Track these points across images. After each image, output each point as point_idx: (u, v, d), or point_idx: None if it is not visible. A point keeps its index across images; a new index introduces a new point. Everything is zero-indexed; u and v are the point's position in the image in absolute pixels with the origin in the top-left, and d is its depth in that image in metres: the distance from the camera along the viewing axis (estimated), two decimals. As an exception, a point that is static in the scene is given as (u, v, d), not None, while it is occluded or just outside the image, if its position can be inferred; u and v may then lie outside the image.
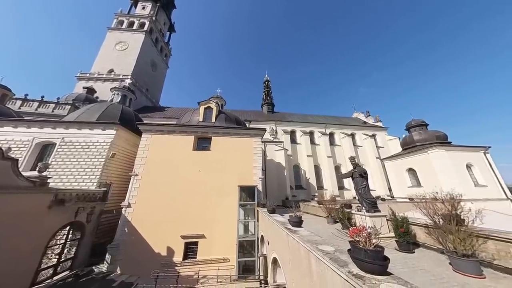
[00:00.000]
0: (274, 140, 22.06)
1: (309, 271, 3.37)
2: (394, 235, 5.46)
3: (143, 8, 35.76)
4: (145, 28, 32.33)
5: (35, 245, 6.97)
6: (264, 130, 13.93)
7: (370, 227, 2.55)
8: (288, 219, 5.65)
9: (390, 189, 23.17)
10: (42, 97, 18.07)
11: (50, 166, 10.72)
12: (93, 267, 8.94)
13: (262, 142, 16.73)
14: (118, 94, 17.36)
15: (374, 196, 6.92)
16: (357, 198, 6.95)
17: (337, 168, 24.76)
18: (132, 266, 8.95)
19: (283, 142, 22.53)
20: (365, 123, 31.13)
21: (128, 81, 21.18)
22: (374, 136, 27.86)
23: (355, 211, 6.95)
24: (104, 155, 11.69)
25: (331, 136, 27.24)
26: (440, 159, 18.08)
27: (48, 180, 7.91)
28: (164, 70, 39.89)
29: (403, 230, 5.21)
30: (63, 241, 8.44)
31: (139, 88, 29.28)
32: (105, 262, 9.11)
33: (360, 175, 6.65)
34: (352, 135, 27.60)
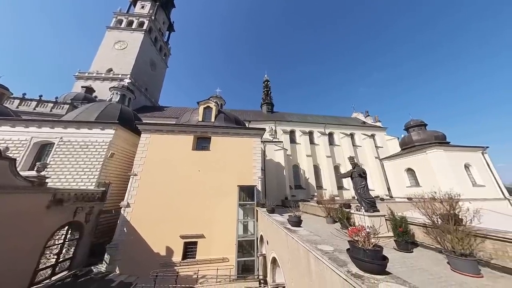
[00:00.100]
0: (274, 140, 22.06)
1: (308, 270, 3.37)
2: (392, 234, 5.49)
3: (142, 7, 35.62)
4: (144, 27, 32.21)
5: (33, 245, 6.94)
6: (264, 130, 13.93)
7: (369, 227, 2.56)
8: (287, 219, 5.66)
9: (389, 189, 23.26)
10: (40, 96, 17.94)
11: (49, 166, 10.66)
12: (91, 267, 8.90)
13: (262, 142, 16.75)
14: (117, 93, 17.28)
15: (373, 196, 6.94)
16: (356, 198, 6.98)
17: (336, 168, 24.81)
18: (131, 266, 8.93)
19: (282, 142, 22.54)
20: (364, 123, 31.22)
21: (127, 80, 21.11)
22: (373, 136, 27.94)
23: (354, 211, 6.97)
24: (103, 155, 11.65)
25: (330, 136, 27.29)
26: (439, 159, 18.17)
27: (47, 180, 7.87)
28: (163, 70, 39.76)
29: (402, 229, 5.24)
30: (61, 241, 8.40)
31: (138, 88, 29.17)
32: (104, 262, 9.08)
33: (359, 175, 6.67)
34: (351, 135, 27.67)
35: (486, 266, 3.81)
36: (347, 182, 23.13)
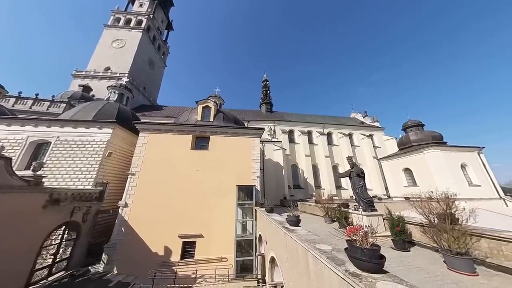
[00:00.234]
0: (273, 140, 22.08)
1: (306, 270, 3.39)
2: (390, 234, 5.54)
3: (141, 5, 35.32)
4: (142, 25, 31.95)
5: (29, 245, 6.87)
6: (263, 129, 13.93)
7: (366, 226, 2.58)
8: (286, 219, 5.67)
9: (387, 188, 23.43)
10: (37, 95, 17.72)
11: (45, 165, 10.55)
12: (89, 267, 8.85)
13: (261, 141, 16.73)
14: (114, 92, 17.14)
15: (371, 196, 6.99)
16: (354, 197, 7.02)
17: (334, 168, 24.92)
18: (129, 266, 8.88)
19: (281, 142, 22.56)
20: (362, 123, 31.38)
21: (125, 79, 20.95)
22: (371, 136, 28.12)
23: (352, 210, 7.01)
24: (101, 154, 11.56)
25: (329, 136, 27.38)
26: (436, 159, 18.34)
27: (43, 180, 7.80)
28: (162, 69, 39.52)
29: (399, 229, 5.29)
30: (58, 241, 8.33)
31: (136, 87, 28.95)
32: (101, 262, 9.02)
33: (357, 175, 6.71)
34: (350, 135, 27.81)
35: (481, 264, 3.86)
36: (346, 182, 23.25)
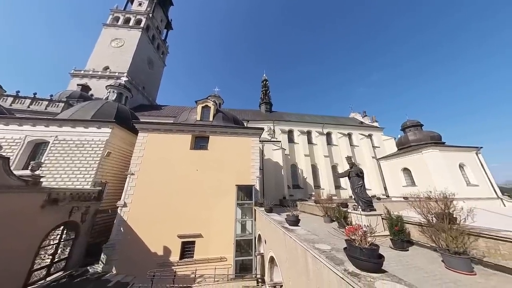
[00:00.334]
0: (272, 140, 22.08)
1: (305, 269, 3.40)
2: (389, 233, 5.56)
3: (140, 4, 35.16)
4: (141, 25, 31.80)
5: (27, 245, 6.83)
6: (262, 129, 13.93)
7: (365, 226, 2.59)
8: (285, 218, 5.68)
9: (386, 188, 23.52)
10: (35, 94, 17.59)
11: (43, 165, 10.49)
12: (88, 267, 8.82)
13: (260, 141, 16.73)
14: (113, 92, 17.07)
15: (370, 195, 7.01)
16: (353, 197, 7.04)
17: (334, 168, 24.96)
18: (128, 266, 8.86)
19: (280, 142, 22.56)
20: (361, 123, 31.45)
21: (124, 78, 20.89)
22: (370, 136, 28.19)
23: (351, 210, 7.04)
24: (99, 154, 11.51)
25: (328, 136, 27.42)
26: (434, 159, 18.44)
27: (41, 179, 7.74)
28: (161, 68, 39.38)
29: (398, 228, 5.31)
30: (56, 241, 8.29)
31: (135, 86, 28.83)
32: (100, 262, 9.00)
33: (356, 175, 6.73)
34: (349, 135, 27.86)
35: (479, 264, 3.89)
36: (345, 182, 23.31)
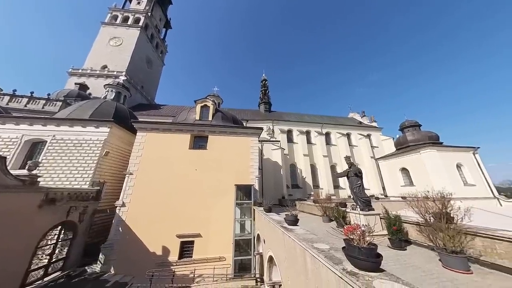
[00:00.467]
0: (271, 139, 22.10)
1: (304, 269, 3.41)
2: (387, 233, 5.59)
3: (138, 3, 34.93)
4: (140, 23, 31.61)
5: (24, 245, 6.77)
6: (261, 129, 13.93)
7: (364, 225, 2.60)
8: (284, 218, 5.69)
9: (384, 188, 23.64)
10: (32, 93, 17.42)
11: (41, 164, 10.41)
12: (86, 268, 8.77)
13: (259, 141, 16.73)
14: (112, 91, 16.96)
15: (368, 195, 7.04)
16: (352, 197, 7.07)
17: (332, 168, 25.04)
18: (126, 266, 8.83)
19: (280, 141, 22.59)
20: (360, 123, 31.57)
21: (123, 77, 20.72)
22: (369, 136, 28.31)
23: (350, 210, 7.07)
24: (97, 153, 11.44)
25: (327, 135, 27.49)
26: (432, 159, 18.57)
27: (39, 179, 7.68)
28: (160, 67, 39.19)
29: (396, 228, 5.34)
30: (54, 241, 8.23)
31: (134, 85, 28.67)
32: (98, 262, 8.96)
33: (355, 174, 6.75)
34: (348, 135, 27.96)
35: (475, 262, 3.93)
36: (343, 182, 23.39)
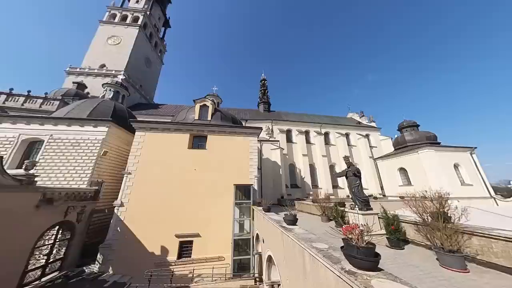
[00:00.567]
0: (270, 139, 22.11)
1: (303, 268, 3.42)
2: (385, 232, 5.63)
3: (137, 1, 34.71)
4: (139, 22, 31.41)
5: (22, 245, 6.71)
6: (260, 129, 13.92)
7: (362, 225, 2.62)
8: (283, 218, 5.70)
9: (382, 187, 23.78)
10: (29, 91, 17.23)
11: (38, 164, 10.32)
12: (84, 268, 8.72)
13: (258, 141, 16.72)
14: (110, 90, 16.85)
15: (367, 195, 7.09)
16: (350, 196, 7.10)
17: (331, 167, 25.13)
18: (124, 266, 8.80)
19: (279, 141, 22.60)
20: (359, 123, 31.70)
21: (121, 76, 20.61)
22: (367, 136, 28.44)
23: (349, 209, 7.10)
24: (96, 153, 11.37)
25: (326, 135, 27.57)
26: (430, 159, 18.70)
27: (36, 179, 7.62)
28: (159, 67, 39.00)
29: (394, 227, 5.38)
30: (52, 241, 8.17)
31: (133, 85, 28.50)
32: (96, 262, 8.91)
33: (353, 174, 6.78)
34: (347, 135, 28.06)
35: (472, 261, 3.97)
36: (342, 181, 23.47)
